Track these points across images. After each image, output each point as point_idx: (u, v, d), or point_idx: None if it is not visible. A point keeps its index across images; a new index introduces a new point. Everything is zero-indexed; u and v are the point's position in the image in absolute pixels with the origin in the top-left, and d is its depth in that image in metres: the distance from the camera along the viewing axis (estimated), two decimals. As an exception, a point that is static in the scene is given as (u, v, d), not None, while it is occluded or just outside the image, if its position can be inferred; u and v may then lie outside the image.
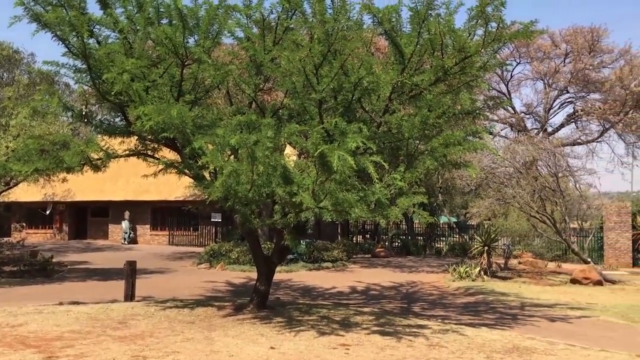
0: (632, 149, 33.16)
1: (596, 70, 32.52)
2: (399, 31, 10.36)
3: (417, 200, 9.90)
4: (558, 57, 33.28)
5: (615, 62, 32.38)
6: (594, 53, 32.12)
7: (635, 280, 21.50)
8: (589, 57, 31.81)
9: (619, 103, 31.14)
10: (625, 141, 33.13)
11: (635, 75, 30.72)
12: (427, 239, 35.11)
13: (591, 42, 31.77)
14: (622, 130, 32.20)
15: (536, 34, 10.15)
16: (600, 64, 32.69)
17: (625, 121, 31.18)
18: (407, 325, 10.63)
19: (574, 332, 10.97)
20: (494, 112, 31.56)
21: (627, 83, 30.63)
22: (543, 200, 22.37)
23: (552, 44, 32.94)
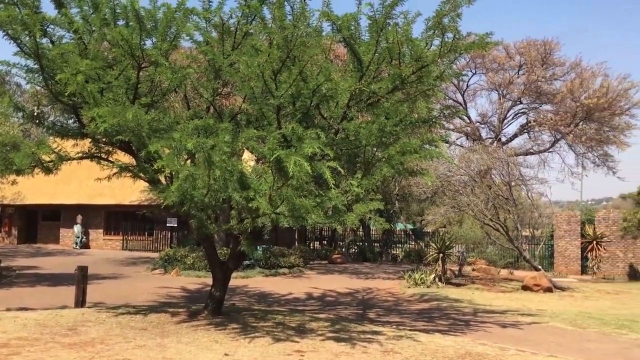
0: (581, 160, 34.12)
1: (548, 82, 33.36)
2: (358, 39, 10.43)
3: (374, 206, 9.97)
4: (512, 68, 34.03)
5: (567, 75, 33.31)
6: (547, 65, 32.96)
7: (584, 287, 22.12)
8: (542, 69, 32.62)
9: (570, 115, 32.01)
10: (575, 152, 34.06)
11: (585, 88, 31.65)
12: (384, 246, 35.42)
13: (544, 54, 32.60)
14: (572, 141, 33.08)
15: (491, 45, 10.33)
16: (552, 77, 33.56)
17: (576, 132, 32.06)
18: (362, 332, 10.68)
19: (525, 338, 11.19)
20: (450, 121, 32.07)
21: (578, 95, 31.53)
22: (496, 209, 22.81)
23: (507, 55, 33.68)
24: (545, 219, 30.04)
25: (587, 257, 28.14)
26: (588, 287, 22.41)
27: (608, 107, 31.09)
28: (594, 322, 13.56)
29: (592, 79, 32.13)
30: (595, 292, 20.87)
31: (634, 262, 27.53)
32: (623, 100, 31.64)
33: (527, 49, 32.74)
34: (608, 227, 27.93)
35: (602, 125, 32.37)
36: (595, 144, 32.82)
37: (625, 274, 27.40)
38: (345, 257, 31.28)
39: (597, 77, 32.17)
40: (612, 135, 32.63)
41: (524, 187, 27.07)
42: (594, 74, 32.21)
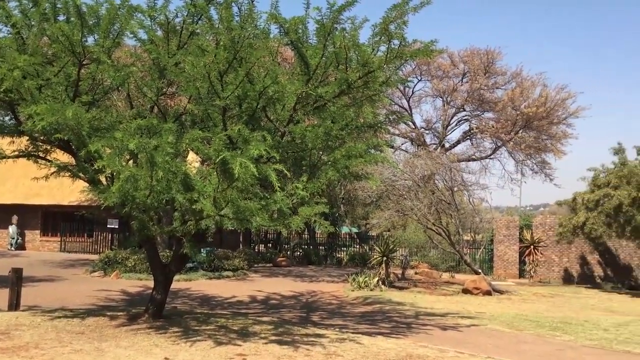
0: (521, 167, 35.22)
1: (490, 90, 34.28)
2: (305, 43, 10.45)
3: (319, 210, 10.01)
4: (456, 76, 34.83)
5: (508, 84, 34.33)
6: (489, 74, 33.86)
7: (521, 290, 22.77)
8: (484, 77, 33.49)
9: (510, 123, 32.98)
10: (515, 159, 35.12)
11: (525, 97, 32.68)
12: (329, 249, 35.57)
13: (486, 63, 33.49)
14: (512, 149, 34.10)
15: (435, 53, 10.54)
16: (494, 85, 34.51)
17: (516, 140, 33.06)
18: (305, 335, 10.68)
19: (464, 340, 11.43)
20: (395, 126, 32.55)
21: (518, 104, 32.52)
22: (439, 213, 23.25)
23: (451, 63, 34.45)
24: (485, 223, 30.81)
25: (524, 261, 28.99)
26: (525, 290, 23.07)
27: (546, 116, 32.18)
28: (530, 325, 13.97)
29: (532, 88, 33.22)
30: (532, 295, 21.50)
31: (568, 267, 28.52)
32: (560, 109, 32.83)
33: (470, 58, 33.56)
34: (545, 232, 28.85)
35: (541, 134, 33.48)
36: (533, 151, 33.90)
37: (560, 278, 28.35)
38: (290, 260, 31.26)
39: (537, 86, 33.33)
40: (549, 144, 33.80)
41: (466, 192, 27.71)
42: (534, 84, 33.32)
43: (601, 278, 27.91)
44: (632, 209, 22.62)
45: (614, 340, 12.41)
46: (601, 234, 23.74)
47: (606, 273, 28.12)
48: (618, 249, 27.98)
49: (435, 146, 34.83)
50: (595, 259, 28.37)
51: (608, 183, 23.94)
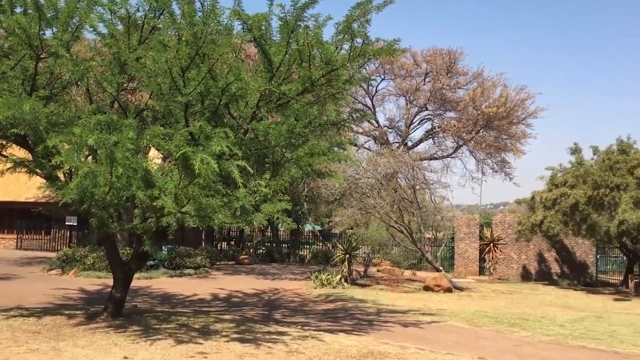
0: (481, 165, 35.78)
1: (452, 90, 34.72)
2: (269, 40, 10.42)
3: (282, 207, 10.00)
4: (419, 75, 35.16)
5: (469, 84, 34.83)
6: (451, 74, 34.28)
7: (481, 287, 23.16)
8: (447, 77, 33.89)
9: (472, 122, 33.46)
10: (476, 158, 35.68)
11: (486, 97, 33.19)
12: (292, 247, 35.56)
13: (449, 63, 33.89)
14: (473, 148, 34.61)
15: (398, 52, 10.62)
16: (456, 85, 34.96)
17: (477, 139, 33.57)
18: (268, 332, 10.67)
19: (425, 337, 11.56)
20: (358, 124, 32.68)
21: (479, 104, 33.02)
22: (401, 211, 23.45)
23: (414, 63, 34.76)
24: (447, 221, 31.21)
25: (484, 258, 29.50)
26: (485, 287, 23.48)
27: (506, 116, 32.75)
28: (489, 321, 14.22)
29: (493, 88, 33.76)
30: (491, 292, 21.89)
31: (527, 264, 29.12)
32: (520, 110, 33.46)
33: (433, 57, 33.92)
34: (504, 230, 29.40)
35: (501, 133, 34.07)
36: (494, 150, 34.48)
37: (519, 275, 28.93)
38: (253, 258, 31.15)
39: (497, 87, 33.89)
40: (509, 143, 34.42)
41: (428, 190, 28.00)
42: (494, 84, 33.86)
43: (558, 275, 28.58)
44: (588, 207, 23.20)
45: (570, 335, 12.72)
46: (558, 232, 24.31)
47: (563, 270, 28.81)
48: (574, 247, 28.68)
49: (398, 145, 35.12)
50: (553, 256, 29.03)
51: (565, 182, 24.52)
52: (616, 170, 23.30)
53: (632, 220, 21.03)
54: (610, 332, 13.49)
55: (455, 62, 34.16)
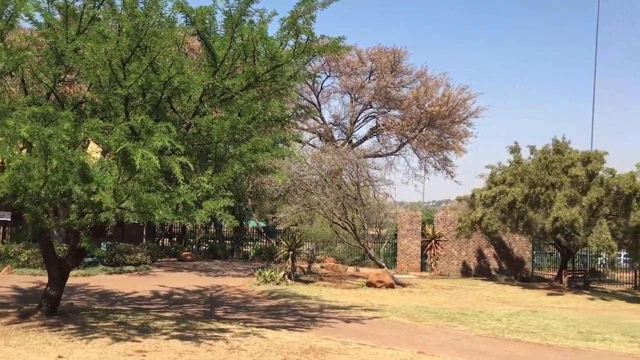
0: (424, 163, 36.27)
1: (396, 88, 35.04)
2: (213, 34, 10.28)
3: (224, 203, 9.88)
4: (364, 73, 35.33)
5: (413, 83, 35.19)
6: (395, 73, 34.60)
7: (422, 283, 23.58)
8: (391, 76, 34.20)
9: (415, 121, 33.90)
10: (419, 156, 36.14)
11: (429, 96, 33.67)
12: (235, 243, 35.30)
13: (393, 62, 34.20)
14: (416, 146, 35.07)
15: (343, 49, 10.67)
16: (400, 83, 35.30)
17: (420, 137, 34.03)
18: (209, 329, 10.55)
19: (366, 332, 11.69)
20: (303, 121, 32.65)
21: (422, 103, 33.47)
22: (345, 208, 23.60)
23: (359, 61, 34.91)
24: (390, 218, 31.57)
25: (426, 255, 30.05)
26: (426, 283, 23.92)
27: (449, 115, 33.34)
28: (429, 316, 14.49)
29: (436, 88, 34.27)
30: (432, 287, 22.32)
31: (466, 260, 29.83)
32: (462, 109, 34.09)
33: (378, 56, 34.16)
34: (445, 227, 30.00)
35: (443, 132, 34.65)
36: (436, 149, 35.04)
37: (459, 271, 29.61)
38: (196, 255, 30.78)
39: (440, 86, 34.38)
40: (451, 142, 35.03)
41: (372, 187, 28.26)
42: (437, 84, 34.38)
43: (496, 271, 29.39)
44: (525, 205, 23.95)
45: (506, 329, 13.10)
46: (497, 228, 25.01)
47: (501, 266, 29.64)
48: (512, 243, 29.55)
49: (343, 142, 35.27)
50: (491, 252, 29.83)
51: (504, 180, 25.23)
52: (552, 169, 24.13)
53: (565, 217, 21.81)
54: (544, 325, 13.96)
55: (400, 61, 34.49)
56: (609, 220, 22.72)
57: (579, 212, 21.93)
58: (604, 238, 21.23)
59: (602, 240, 21.32)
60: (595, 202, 22.31)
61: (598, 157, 23.75)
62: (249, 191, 33.61)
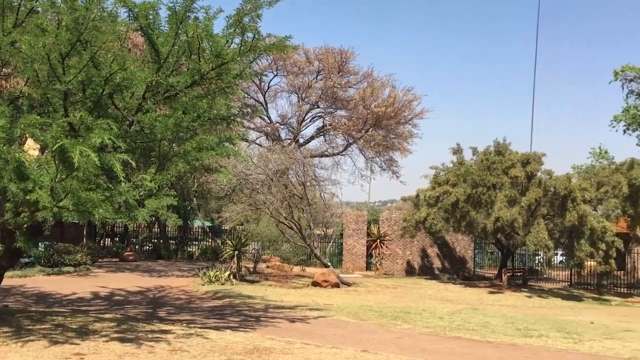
0: (370, 163, 36.66)
1: (343, 89, 35.28)
2: (157, 29, 10.10)
3: (168, 202, 9.74)
4: (311, 73, 35.44)
5: (360, 84, 35.52)
6: (342, 73, 34.84)
7: (367, 282, 23.80)
8: (338, 76, 34.41)
9: (361, 121, 34.22)
10: (365, 156, 36.49)
11: (375, 97, 34.04)
12: (180, 243, 34.80)
13: (340, 62, 34.43)
14: (362, 146, 35.39)
15: (289, 48, 10.66)
16: (347, 84, 35.56)
17: (366, 138, 34.36)
18: (150, 331, 10.36)
19: (311, 332, 11.70)
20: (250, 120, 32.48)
21: (369, 103, 33.81)
22: (292, 207, 23.61)
23: (307, 60, 34.99)
24: (336, 218, 31.81)
25: (372, 254, 30.34)
26: (371, 282, 24.15)
27: (394, 116, 33.79)
28: (373, 315, 14.63)
29: (382, 89, 34.66)
30: (377, 287, 22.56)
31: (411, 259, 30.27)
32: (407, 110, 34.62)
33: (325, 56, 34.31)
34: (390, 227, 30.36)
35: (389, 133, 35.10)
36: (382, 149, 35.45)
37: (404, 270, 30.01)
38: (139, 255, 30.19)
39: (386, 87, 34.81)
40: (397, 142, 35.53)
41: (318, 187, 28.38)
42: (383, 85, 34.79)
43: (439, 270, 29.94)
44: (467, 205, 24.49)
45: (448, 327, 13.36)
46: (440, 228, 25.47)
47: (444, 265, 30.21)
48: (455, 243, 30.17)
49: (290, 141, 35.27)
50: (435, 251, 30.37)
51: (447, 181, 25.73)
52: (493, 170, 24.77)
53: (506, 217, 22.41)
54: (484, 323, 14.30)
55: (347, 61, 34.75)
56: (547, 220, 23.48)
57: (519, 212, 22.56)
58: (542, 237, 21.91)
59: (539, 239, 21.99)
60: (534, 203, 22.99)
61: (537, 158, 24.49)
62: (194, 190, 33.20)
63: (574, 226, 22.29)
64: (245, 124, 32.77)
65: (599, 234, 22.27)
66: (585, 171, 28.22)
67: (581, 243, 22.30)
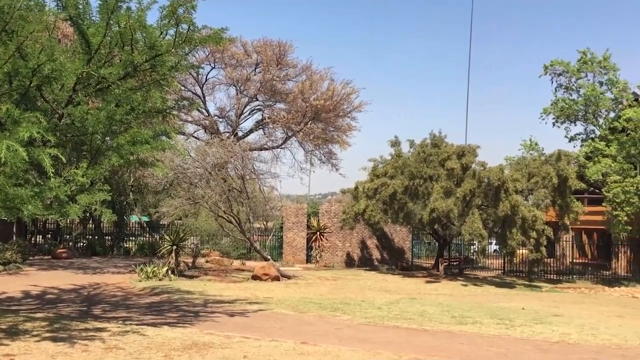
0: (310, 157, 36.74)
1: (282, 82, 35.22)
2: (87, 19, 9.82)
3: (101, 197, 9.51)
4: (250, 66, 35.19)
5: (299, 77, 35.53)
6: (281, 66, 34.76)
7: (307, 275, 23.91)
8: (277, 69, 34.32)
9: (300, 114, 34.26)
10: (305, 149, 36.56)
11: (314, 90, 34.14)
12: (116, 239, 33.98)
13: (279, 55, 34.34)
14: (302, 139, 35.45)
15: (226, 41, 10.57)
16: (286, 77, 35.51)
17: (305, 131, 34.43)
18: (85, 329, 10.11)
19: (251, 325, 11.68)
20: (187, 113, 32.01)
21: (308, 96, 33.87)
22: (231, 201, 23.41)
23: (245, 53, 34.72)
24: (276, 211, 31.74)
25: (312, 247, 30.47)
26: (311, 274, 24.28)
27: (333, 109, 33.98)
28: (313, 307, 14.73)
29: (320, 82, 34.79)
30: (317, 279, 22.70)
31: (350, 251, 30.58)
32: (346, 103, 34.87)
33: (263, 49, 34.14)
34: (330, 219, 30.56)
35: (328, 126, 35.27)
36: (321, 142, 35.61)
37: (344, 262, 30.30)
38: (72, 252, 29.27)
39: (325, 80, 34.95)
40: (336, 135, 35.75)
41: (258, 180, 28.24)
42: (322, 78, 34.91)
43: (379, 261, 30.38)
44: (405, 196, 24.94)
45: (386, 317, 13.60)
46: (379, 220, 25.85)
47: (383, 256, 30.67)
48: (393, 234, 30.66)
49: (229, 134, 34.93)
50: (374, 243, 30.78)
51: (385, 173, 26.11)
52: (429, 162, 25.29)
53: (442, 208, 22.95)
54: (422, 312, 14.63)
55: (285, 54, 34.69)
56: (481, 210, 24.19)
57: (454, 203, 23.14)
58: (476, 227, 22.56)
59: (474, 229, 22.64)
60: (469, 194, 23.63)
61: (471, 150, 25.16)
62: (131, 184, 32.50)
63: (506, 216, 23.03)
64: (183, 117, 32.33)
65: (530, 223, 23.11)
66: (517, 162, 29.13)
67: (513, 232, 23.09)
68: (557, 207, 26.01)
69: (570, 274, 28.18)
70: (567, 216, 25.97)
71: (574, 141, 31.93)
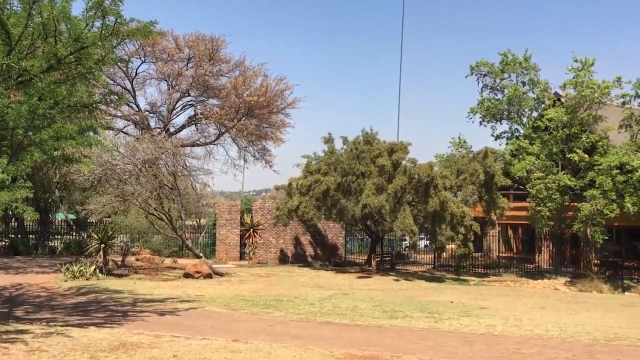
0: (243, 153, 36.45)
1: (215, 77, 34.77)
2: (7, 9, 9.41)
3: (23, 194, 9.18)
4: (182, 60, 34.56)
5: (232, 72, 35.17)
6: (214, 61, 34.30)
7: (240, 272, 23.76)
8: (209, 64, 33.85)
9: (234, 110, 33.93)
10: (238, 145, 36.24)
11: (247, 86, 33.89)
12: (40, 237, 32.73)
13: (211, 50, 33.87)
14: (235, 135, 35.12)
15: (155, 34, 10.40)
16: (219, 72, 35.09)
17: (239, 127, 34.12)
18: (5, 332, 9.70)
19: (181, 324, 11.51)
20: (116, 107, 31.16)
21: (241, 92, 33.59)
22: (162, 198, 22.97)
23: (177, 47, 34.06)
24: (209, 208, 31.39)
25: (245, 244, 30.28)
26: (245, 271, 24.14)
27: (267, 105, 33.84)
28: (246, 304, 14.66)
29: (254, 78, 34.56)
30: (250, 276, 22.59)
31: (284, 248, 30.58)
32: (279, 100, 34.79)
33: (196, 43, 33.61)
34: (264, 216, 30.46)
35: (262, 122, 35.11)
36: (255, 138, 35.40)
37: (277, 259, 30.27)
38: (-6, 251, 28.06)
39: (258, 76, 34.75)
40: (269, 132, 35.63)
41: (190, 177, 27.79)
42: (256, 74, 34.70)
43: (312, 257, 30.53)
44: (338, 193, 25.15)
45: (318, 312, 13.69)
46: (312, 216, 25.96)
47: (316, 252, 30.85)
48: (327, 230, 30.88)
49: (160, 130, 34.20)
50: (308, 239, 30.90)
51: (319, 170, 26.24)
52: (362, 159, 25.61)
53: (373, 204, 23.29)
54: (354, 307, 14.81)
55: (218, 49, 34.25)
56: (412, 206, 24.67)
57: (386, 199, 23.51)
58: (407, 223, 23.01)
59: (405, 225, 23.08)
60: (400, 190, 24.05)
61: (402, 147, 25.62)
62: (56, 181, 31.35)
63: (436, 212, 23.59)
64: (111, 111, 31.44)
65: (458, 219, 23.77)
66: (447, 160, 29.91)
67: (442, 227, 23.69)
68: (484, 202, 26.86)
69: (496, 268, 29.16)
70: (494, 212, 26.85)
71: (500, 139, 32.92)
